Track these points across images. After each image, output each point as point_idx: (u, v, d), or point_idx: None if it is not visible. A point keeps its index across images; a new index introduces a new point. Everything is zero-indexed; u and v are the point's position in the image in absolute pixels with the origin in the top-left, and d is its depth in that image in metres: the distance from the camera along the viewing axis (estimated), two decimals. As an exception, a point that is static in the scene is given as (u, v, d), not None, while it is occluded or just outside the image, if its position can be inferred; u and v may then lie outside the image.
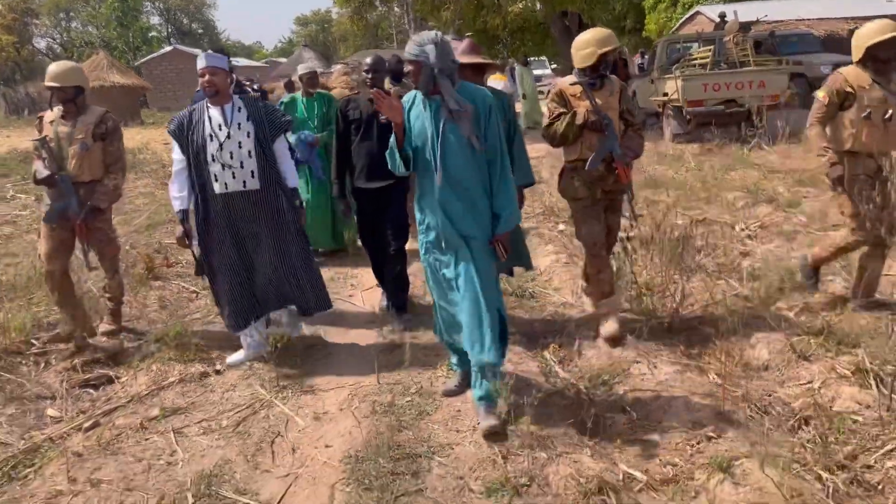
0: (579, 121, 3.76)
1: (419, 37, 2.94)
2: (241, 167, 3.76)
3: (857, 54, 3.88)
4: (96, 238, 4.24)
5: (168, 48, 42.13)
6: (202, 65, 3.73)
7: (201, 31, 60.10)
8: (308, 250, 4.08)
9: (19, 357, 4.09)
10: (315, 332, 4.46)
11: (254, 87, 6.17)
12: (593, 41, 3.77)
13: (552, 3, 18.34)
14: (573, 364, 3.78)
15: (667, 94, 11.31)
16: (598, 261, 4.01)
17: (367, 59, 4.42)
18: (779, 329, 3.82)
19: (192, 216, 3.89)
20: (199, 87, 3.87)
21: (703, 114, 10.76)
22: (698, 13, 21.24)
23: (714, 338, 3.77)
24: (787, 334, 3.74)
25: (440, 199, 3.02)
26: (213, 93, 3.74)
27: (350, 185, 4.51)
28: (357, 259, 5.90)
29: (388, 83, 4.69)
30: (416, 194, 3.19)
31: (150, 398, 3.63)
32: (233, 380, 3.82)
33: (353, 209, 4.60)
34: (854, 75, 3.88)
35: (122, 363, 4.07)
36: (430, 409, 3.36)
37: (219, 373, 3.92)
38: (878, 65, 3.83)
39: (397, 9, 29.94)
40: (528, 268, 4.42)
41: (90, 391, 3.77)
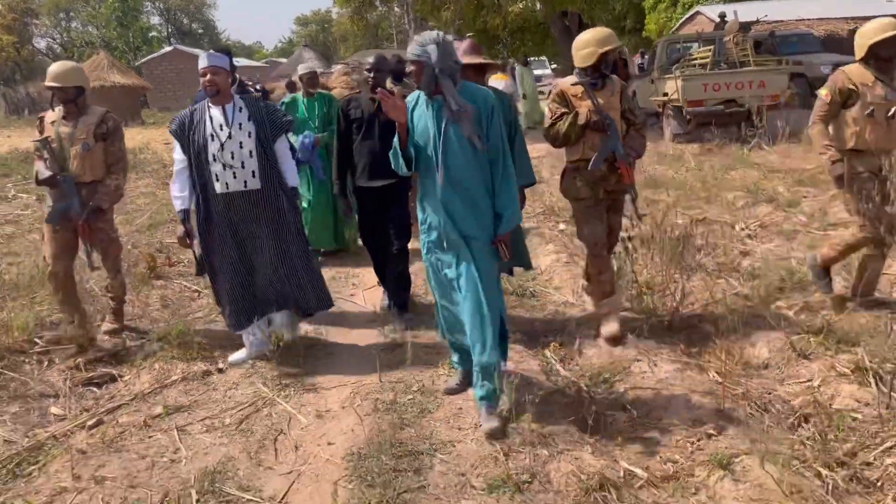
0: (581, 121, 3.76)
1: (421, 37, 2.95)
2: (243, 167, 3.77)
3: (860, 52, 3.89)
4: (98, 238, 4.25)
5: (168, 48, 42.12)
6: (204, 64, 3.73)
7: (201, 31, 60.10)
8: (308, 250, 4.09)
9: (22, 356, 4.11)
10: (317, 331, 4.48)
11: (256, 87, 6.17)
12: (594, 41, 3.77)
13: (552, 3, 18.36)
14: (574, 362, 3.80)
15: (667, 94, 11.32)
16: (600, 261, 4.02)
17: (370, 59, 4.45)
18: (778, 328, 3.84)
19: (193, 216, 3.90)
20: (201, 87, 3.88)
21: (703, 114, 10.78)
22: (698, 13, 21.24)
23: (714, 336, 3.79)
24: (786, 333, 3.76)
25: (442, 199, 3.03)
26: (214, 92, 3.74)
27: (351, 185, 4.52)
28: (358, 258, 5.91)
29: (389, 83, 4.72)
30: (418, 194, 3.20)
31: (153, 396, 3.65)
32: (235, 378, 3.84)
33: (353, 208, 4.62)
34: (857, 73, 3.88)
35: (124, 362, 4.09)
36: (431, 406, 3.37)
37: (221, 371, 3.94)
38: (881, 63, 3.84)
39: (397, 9, 29.96)
40: (528, 268, 4.44)
41: (93, 389, 3.78)
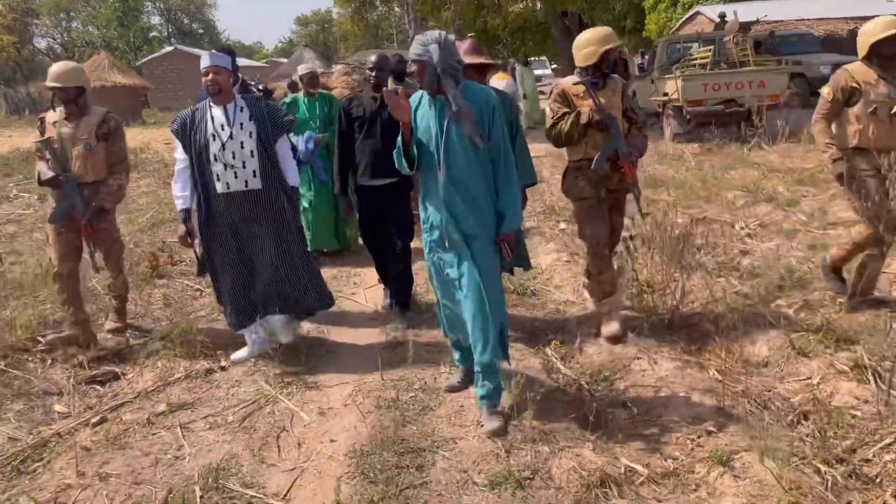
0: (583, 120, 3.75)
1: (423, 36, 2.97)
2: (244, 167, 3.77)
3: (863, 50, 3.90)
4: (101, 238, 4.26)
5: (169, 48, 42.11)
6: (206, 64, 3.73)
7: (202, 31, 60.08)
8: (306, 250, 4.10)
9: (26, 354, 4.13)
10: (318, 329, 4.49)
11: (258, 86, 6.18)
12: (595, 39, 3.78)
13: (552, 4, 18.37)
14: (574, 360, 3.82)
15: (667, 94, 11.35)
16: (601, 262, 4.01)
17: (372, 58, 4.47)
18: (778, 326, 3.86)
19: (195, 215, 3.90)
20: (203, 87, 3.89)
21: (703, 113, 10.80)
22: (698, 13, 21.24)
23: (714, 335, 3.80)
24: (786, 331, 3.79)
25: (444, 199, 3.04)
26: (216, 91, 3.75)
27: (352, 183, 4.53)
28: (359, 258, 5.93)
29: (391, 82, 4.73)
30: (420, 193, 3.21)
31: (157, 394, 3.67)
32: (238, 376, 3.86)
33: (354, 207, 4.62)
34: (860, 71, 3.89)
35: (127, 360, 4.11)
36: (433, 404, 3.39)
37: (224, 369, 3.95)
38: (884, 61, 3.84)
39: (398, 9, 29.91)
40: (527, 268, 4.45)
41: (97, 387, 3.80)
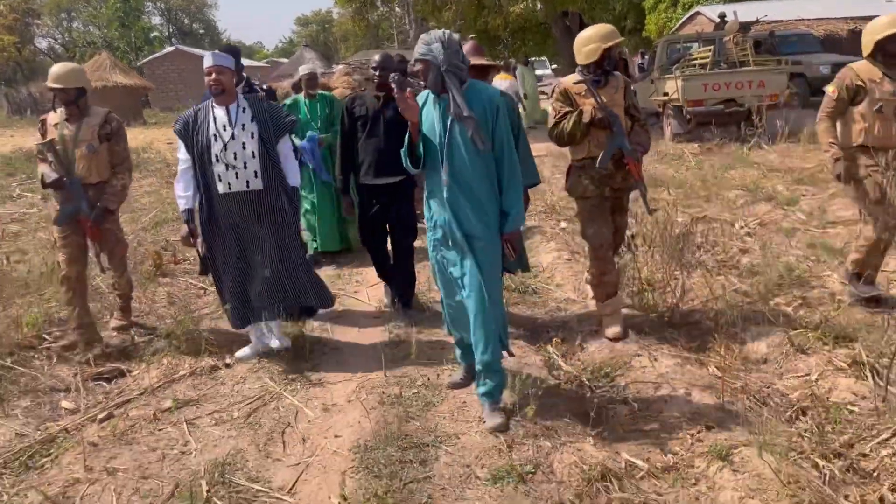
0: (586, 119, 3.74)
1: (427, 36, 2.99)
2: (245, 168, 3.77)
3: (868, 48, 3.91)
4: (105, 238, 4.28)
5: (170, 48, 42.11)
6: (209, 63, 3.74)
7: (202, 31, 60.11)
8: (304, 252, 4.13)
9: (32, 351, 4.17)
10: (322, 328, 4.53)
11: (262, 86, 6.20)
12: (596, 37, 3.77)
13: (553, 4, 18.38)
14: (576, 357, 3.86)
15: (667, 94, 11.38)
16: (603, 263, 4.00)
17: (376, 57, 4.50)
18: (777, 323, 3.90)
19: (197, 215, 3.92)
20: (206, 87, 3.91)
21: (703, 113, 10.84)
22: (698, 13, 21.28)
23: (714, 332, 3.84)
24: (785, 328, 3.82)
25: (447, 198, 3.06)
26: (219, 91, 3.76)
27: (354, 183, 4.56)
28: (362, 256, 5.94)
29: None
30: (424, 192, 3.24)
31: (162, 391, 3.70)
32: (242, 373, 3.89)
33: (355, 206, 4.65)
34: (865, 69, 3.91)
35: (133, 357, 4.15)
36: (436, 400, 3.43)
37: (228, 366, 3.99)
38: (889, 58, 3.86)
39: (398, 9, 29.94)
40: (525, 270, 4.44)
41: (103, 384, 3.84)
